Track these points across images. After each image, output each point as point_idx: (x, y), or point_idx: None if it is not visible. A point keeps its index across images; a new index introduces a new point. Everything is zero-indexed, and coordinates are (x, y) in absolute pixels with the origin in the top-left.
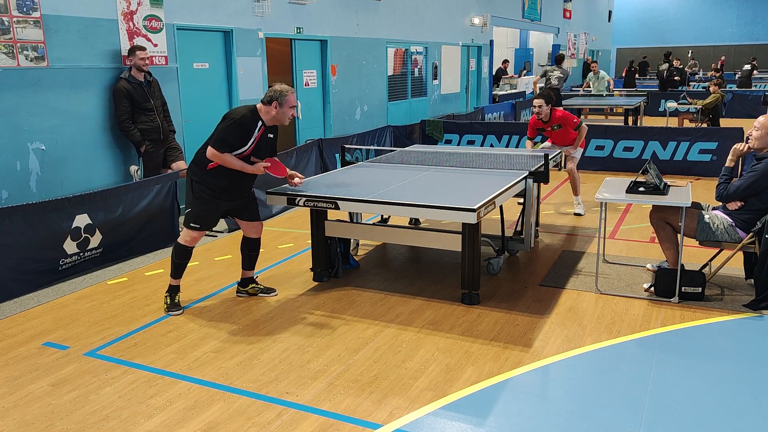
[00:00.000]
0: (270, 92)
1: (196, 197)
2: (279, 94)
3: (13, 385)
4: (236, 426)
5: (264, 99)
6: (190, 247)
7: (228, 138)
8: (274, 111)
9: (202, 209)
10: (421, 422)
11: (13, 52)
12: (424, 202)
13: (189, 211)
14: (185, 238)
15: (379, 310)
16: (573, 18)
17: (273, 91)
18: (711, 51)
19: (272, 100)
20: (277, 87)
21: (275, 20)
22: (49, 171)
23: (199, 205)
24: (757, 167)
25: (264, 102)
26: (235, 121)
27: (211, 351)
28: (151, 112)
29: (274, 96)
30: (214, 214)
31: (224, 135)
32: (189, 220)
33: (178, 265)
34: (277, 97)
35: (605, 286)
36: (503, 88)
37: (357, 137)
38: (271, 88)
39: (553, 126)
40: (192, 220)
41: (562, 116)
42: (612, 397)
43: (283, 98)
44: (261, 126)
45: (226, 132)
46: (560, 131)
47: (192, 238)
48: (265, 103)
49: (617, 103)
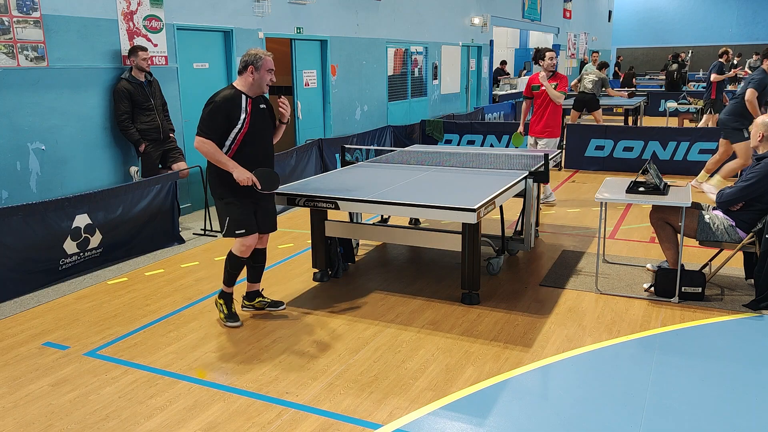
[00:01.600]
0: (244, 57)
1: (225, 202)
2: (254, 57)
3: (13, 385)
4: (236, 426)
5: (239, 68)
6: (245, 258)
7: (211, 122)
8: (251, 78)
9: (236, 212)
10: (421, 422)
11: (13, 52)
12: (424, 202)
13: (228, 220)
14: (239, 249)
15: (379, 310)
16: (573, 18)
17: (247, 55)
18: (711, 51)
19: (247, 65)
20: (252, 50)
21: (275, 20)
22: (49, 171)
23: (231, 210)
24: (756, 168)
25: (239, 72)
26: (216, 103)
27: (211, 351)
28: (151, 112)
29: (249, 60)
30: (249, 212)
31: (208, 119)
32: (232, 229)
33: (232, 275)
34: (253, 61)
35: (605, 286)
36: (503, 88)
37: (357, 137)
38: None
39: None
40: (234, 227)
41: (562, 76)
42: (612, 397)
43: (259, 61)
44: (247, 99)
45: (209, 116)
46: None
47: (246, 246)
48: (241, 72)
49: (617, 103)
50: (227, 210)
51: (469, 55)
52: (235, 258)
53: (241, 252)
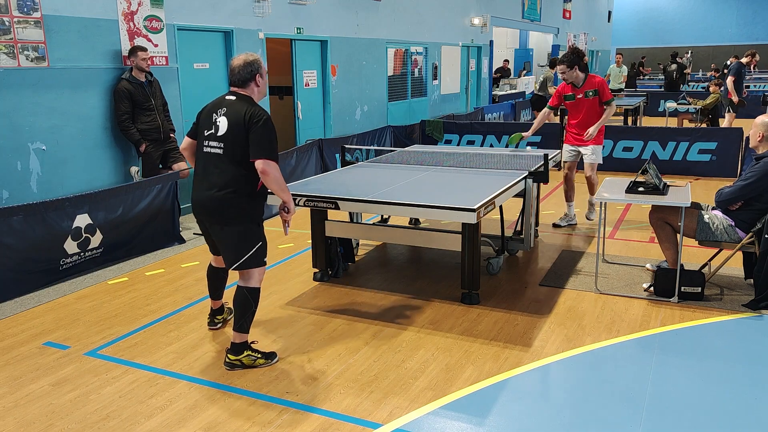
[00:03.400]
0: (245, 68)
1: (258, 223)
2: (257, 63)
3: (13, 384)
4: (236, 426)
5: (243, 77)
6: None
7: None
8: (257, 87)
9: (263, 236)
10: (421, 422)
11: (14, 53)
12: (424, 202)
13: (260, 246)
14: (260, 279)
15: (379, 310)
16: (573, 18)
17: (247, 64)
18: (711, 51)
19: (254, 73)
20: (249, 57)
21: (275, 20)
22: (50, 171)
23: (261, 232)
24: (756, 168)
25: (244, 81)
26: (270, 121)
27: (211, 351)
28: (151, 112)
29: (254, 68)
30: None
31: (273, 140)
32: (261, 257)
33: (254, 313)
34: (257, 68)
35: (605, 285)
36: (503, 89)
37: (357, 137)
38: (241, 63)
39: (587, 92)
40: (264, 254)
41: (601, 82)
42: (612, 397)
43: (261, 66)
44: None
45: (272, 136)
46: (589, 103)
47: (263, 275)
48: (246, 81)
49: (617, 103)
50: (260, 235)
51: (469, 56)
52: (258, 291)
53: (260, 282)
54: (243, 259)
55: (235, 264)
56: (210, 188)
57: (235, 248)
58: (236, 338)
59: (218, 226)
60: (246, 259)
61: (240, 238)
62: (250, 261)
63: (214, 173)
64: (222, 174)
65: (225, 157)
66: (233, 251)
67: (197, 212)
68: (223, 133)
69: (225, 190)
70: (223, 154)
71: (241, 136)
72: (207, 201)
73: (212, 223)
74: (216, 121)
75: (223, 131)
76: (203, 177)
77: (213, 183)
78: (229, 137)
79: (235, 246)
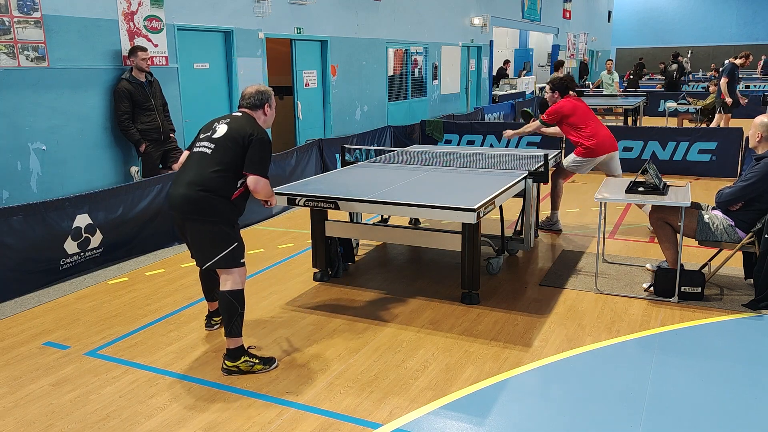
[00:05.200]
0: (257, 95)
1: (232, 225)
2: (268, 95)
3: (13, 384)
4: (236, 426)
5: (254, 102)
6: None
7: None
8: (265, 116)
9: (239, 237)
10: (421, 422)
11: (14, 53)
12: (424, 202)
13: (236, 246)
14: (241, 280)
15: (379, 310)
16: (573, 18)
17: (260, 92)
18: (711, 51)
19: (263, 102)
20: (262, 87)
21: (275, 20)
22: (50, 171)
23: (236, 234)
24: (756, 168)
25: (255, 106)
26: (267, 139)
27: (211, 351)
28: (151, 112)
29: (265, 98)
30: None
31: (267, 159)
32: (238, 257)
33: (242, 316)
34: (268, 98)
35: (605, 285)
36: (503, 89)
37: (357, 137)
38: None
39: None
40: (240, 255)
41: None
42: (612, 397)
43: (272, 98)
44: None
45: (268, 155)
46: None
47: (245, 276)
48: (255, 107)
49: (617, 103)
50: (236, 236)
51: (468, 56)
52: (242, 292)
53: (243, 284)
54: (214, 259)
55: (205, 264)
56: (188, 185)
57: (205, 248)
58: (230, 344)
59: (190, 222)
60: (218, 260)
61: (210, 238)
62: (222, 262)
63: (196, 171)
64: (201, 173)
65: (211, 158)
66: (201, 251)
67: (173, 206)
68: (218, 136)
69: (201, 188)
70: (210, 154)
71: (237, 145)
72: (182, 197)
73: (185, 219)
74: (216, 127)
75: (219, 135)
76: (184, 173)
77: (191, 181)
78: (223, 142)
79: (205, 246)
